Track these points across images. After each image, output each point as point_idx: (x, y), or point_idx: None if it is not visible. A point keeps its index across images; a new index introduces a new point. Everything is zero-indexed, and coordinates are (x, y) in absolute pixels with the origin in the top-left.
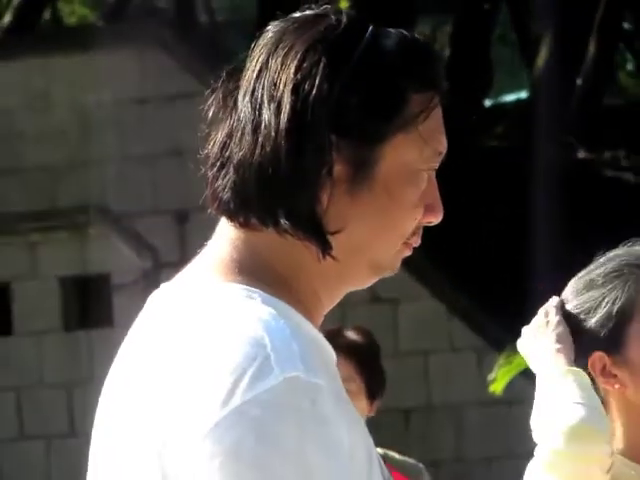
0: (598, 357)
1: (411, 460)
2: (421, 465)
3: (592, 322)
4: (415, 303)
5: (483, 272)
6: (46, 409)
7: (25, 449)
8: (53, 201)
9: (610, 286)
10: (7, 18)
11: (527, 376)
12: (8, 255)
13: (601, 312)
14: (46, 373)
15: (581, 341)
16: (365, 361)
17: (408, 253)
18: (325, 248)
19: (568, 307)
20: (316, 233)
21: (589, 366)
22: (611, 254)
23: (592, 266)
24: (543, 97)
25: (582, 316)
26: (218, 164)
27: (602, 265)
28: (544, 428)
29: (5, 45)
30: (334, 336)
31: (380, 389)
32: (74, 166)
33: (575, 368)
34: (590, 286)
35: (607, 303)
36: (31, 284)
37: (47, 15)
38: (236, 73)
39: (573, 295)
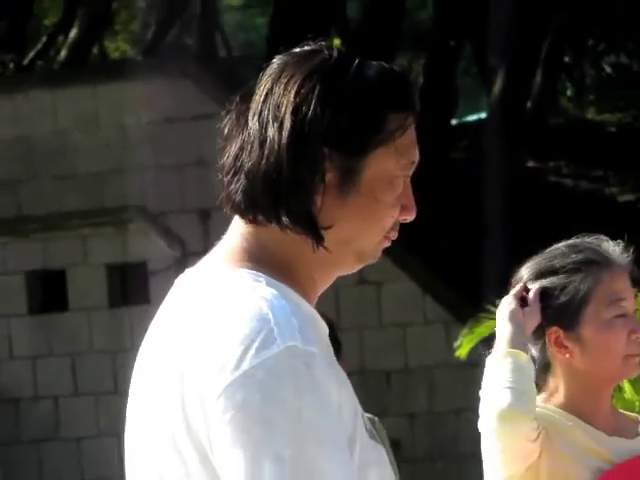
0: (554, 330)
1: (369, 415)
2: (376, 418)
3: (555, 302)
4: (395, 285)
5: (451, 261)
6: (95, 371)
7: (78, 404)
8: (100, 202)
9: (572, 277)
10: (63, 53)
11: (486, 343)
12: (64, 246)
13: (564, 297)
14: (95, 342)
15: (545, 314)
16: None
17: (387, 244)
18: (319, 241)
19: (531, 285)
20: (311, 229)
21: (546, 335)
22: (570, 244)
23: (552, 252)
24: (499, 117)
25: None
26: (232, 172)
27: (564, 256)
28: (483, 406)
29: (61, 76)
30: None
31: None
32: (117, 173)
33: (514, 350)
34: (552, 272)
35: (570, 291)
36: (82, 270)
37: (95, 50)
38: (247, 97)
39: (535, 275)
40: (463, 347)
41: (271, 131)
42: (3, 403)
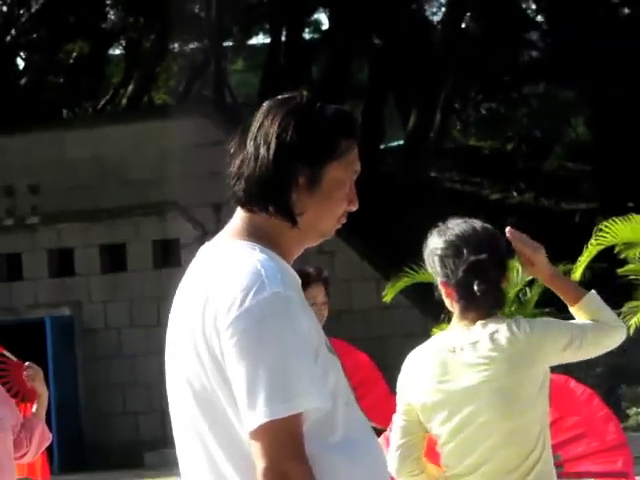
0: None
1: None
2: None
3: None
4: (344, 254)
5: (383, 240)
6: (145, 311)
7: (133, 334)
8: (147, 198)
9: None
10: (124, 101)
11: (401, 293)
12: (122, 228)
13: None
14: (145, 292)
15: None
16: (326, 285)
17: (339, 226)
18: (294, 224)
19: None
20: (289, 216)
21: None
22: (473, 225)
23: (464, 229)
24: (412, 143)
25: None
26: (236, 177)
27: (472, 228)
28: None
29: (123, 116)
30: (313, 273)
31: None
32: (160, 180)
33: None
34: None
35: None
36: (136, 244)
37: (145, 99)
38: (246, 129)
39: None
40: (388, 295)
41: (262, 150)
42: (86, 332)
